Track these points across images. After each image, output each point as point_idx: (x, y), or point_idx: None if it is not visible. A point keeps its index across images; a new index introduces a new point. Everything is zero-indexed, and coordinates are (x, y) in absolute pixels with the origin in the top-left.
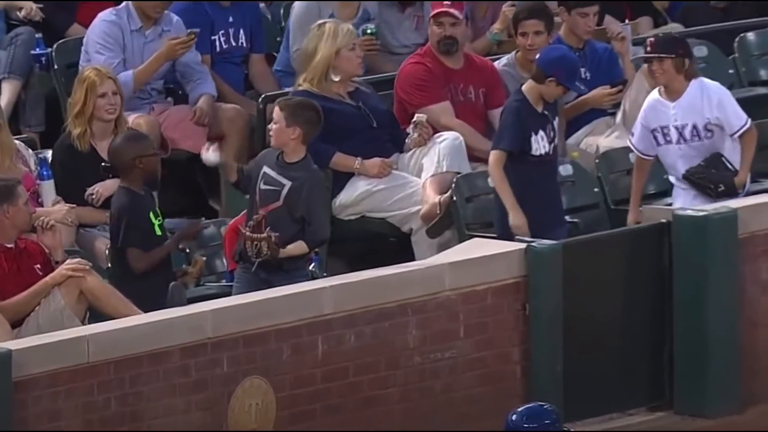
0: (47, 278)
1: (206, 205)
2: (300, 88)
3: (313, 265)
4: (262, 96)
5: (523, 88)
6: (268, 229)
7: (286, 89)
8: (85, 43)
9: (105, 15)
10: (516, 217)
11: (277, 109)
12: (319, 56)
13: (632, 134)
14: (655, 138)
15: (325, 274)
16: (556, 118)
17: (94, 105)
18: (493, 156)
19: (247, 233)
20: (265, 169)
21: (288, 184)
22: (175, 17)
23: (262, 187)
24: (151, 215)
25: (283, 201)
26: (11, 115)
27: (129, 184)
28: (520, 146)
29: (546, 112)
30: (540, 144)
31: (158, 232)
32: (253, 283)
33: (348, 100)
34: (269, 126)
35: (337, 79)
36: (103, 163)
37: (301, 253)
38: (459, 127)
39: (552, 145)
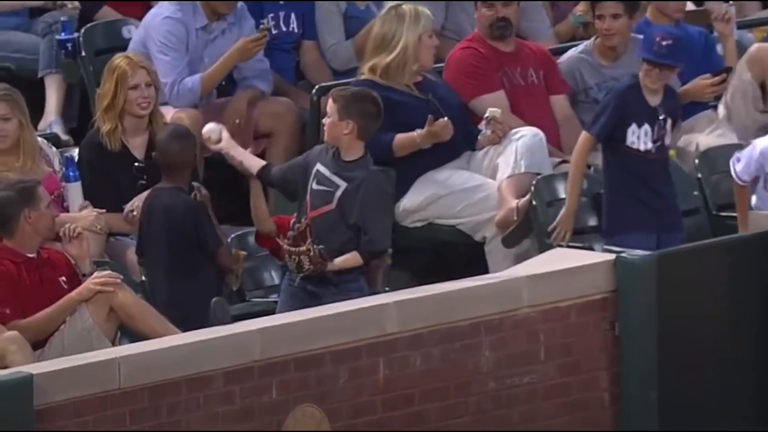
0: (73, 293)
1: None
2: (362, 77)
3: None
4: (316, 87)
5: (640, 73)
6: (309, 241)
7: (347, 79)
8: (142, 39)
9: (167, 11)
10: (566, 219)
11: (330, 101)
12: (400, 43)
13: (738, 160)
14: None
15: (387, 289)
16: (676, 121)
17: (125, 98)
18: (581, 138)
19: (285, 245)
20: (319, 166)
21: (343, 185)
22: (239, 3)
23: (315, 186)
24: None
25: (336, 204)
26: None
27: (180, 184)
28: (609, 133)
29: (659, 107)
30: (640, 138)
31: None
32: (299, 298)
33: (416, 92)
34: (323, 121)
35: (415, 68)
36: (136, 163)
37: (354, 266)
38: (513, 123)
39: (657, 144)
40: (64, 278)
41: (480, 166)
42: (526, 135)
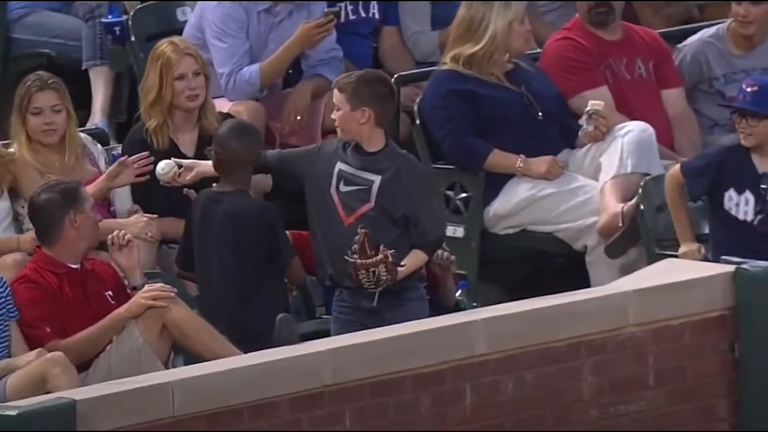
0: (121, 309)
1: None
2: (445, 67)
3: (459, 292)
4: (395, 76)
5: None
6: (382, 247)
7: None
8: (198, 23)
9: None
10: (687, 249)
11: (335, 92)
12: (489, 31)
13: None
14: None
15: (475, 304)
16: None
17: (173, 90)
18: (672, 172)
19: (358, 261)
20: (341, 166)
21: (377, 179)
22: None
23: (343, 189)
24: None
25: (375, 201)
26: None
27: (244, 186)
28: (699, 195)
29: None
30: (740, 207)
31: None
32: (356, 322)
33: (507, 83)
34: (332, 116)
35: (505, 58)
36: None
37: (420, 265)
38: (618, 119)
39: (761, 217)
40: (110, 292)
41: (580, 165)
42: (633, 130)
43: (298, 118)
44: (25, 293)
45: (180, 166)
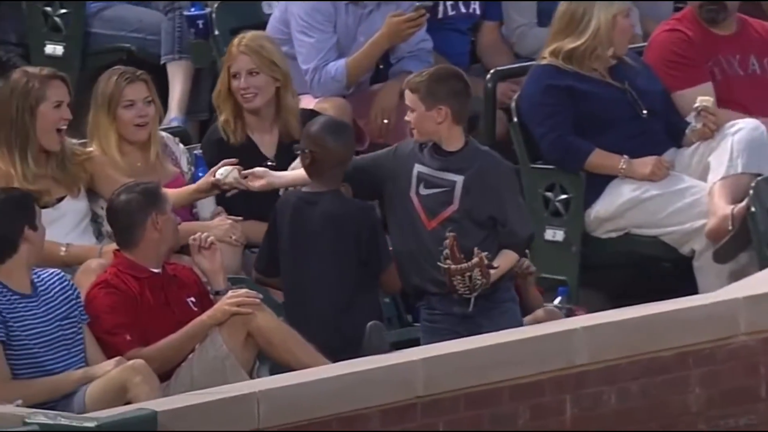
0: (204, 316)
1: None
2: (544, 62)
3: (559, 299)
4: (491, 71)
5: None
6: (476, 250)
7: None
8: (282, 16)
9: None
10: None
11: (407, 93)
12: (591, 25)
13: None
14: None
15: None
16: None
17: (231, 87)
18: None
19: (453, 267)
20: (419, 168)
21: (459, 179)
22: None
23: (423, 192)
24: None
25: (459, 202)
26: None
27: (336, 187)
28: None
29: None
30: None
31: None
32: (448, 330)
33: (609, 79)
34: (406, 118)
35: (609, 53)
36: (267, 162)
37: (512, 266)
38: (727, 117)
39: None
40: (193, 298)
41: (688, 165)
42: (744, 128)
43: (385, 121)
44: (104, 299)
45: (240, 170)
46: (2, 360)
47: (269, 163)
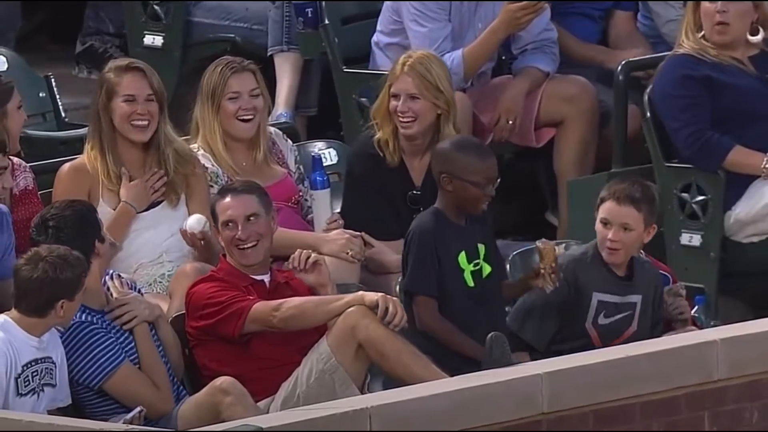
0: (340, 297)
1: (540, 219)
2: (680, 51)
3: (696, 308)
4: (623, 62)
5: None
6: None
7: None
8: (395, 5)
9: None
10: None
11: (632, 210)
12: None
13: None
14: None
15: (713, 323)
16: None
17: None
18: None
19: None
20: (600, 297)
21: (638, 297)
22: None
23: (603, 322)
24: (462, 256)
25: (638, 323)
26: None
27: (442, 205)
28: None
29: None
30: None
31: (469, 283)
32: None
33: (751, 68)
34: (606, 218)
35: (759, 39)
36: (412, 191)
37: None
38: None
39: None
40: None
41: None
42: None
43: (510, 122)
44: (207, 288)
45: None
46: (141, 376)
47: (413, 192)
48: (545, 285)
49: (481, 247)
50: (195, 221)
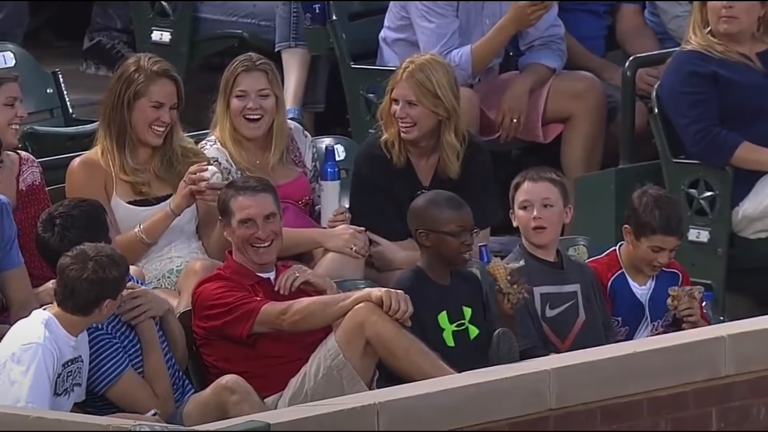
0: (347, 296)
1: None
2: (687, 48)
3: (704, 304)
4: (630, 58)
5: None
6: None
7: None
8: (402, 2)
9: None
10: None
11: (547, 185)
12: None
13: None
14: None
15: (722, 318)
16: None
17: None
18: None
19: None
20: (540, 290)
21: (576, 287)
22: None
23: (550, 314)
24: (443, 316)
25: (585, 312)
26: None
27: (424, 264)
28: None
29: None
30: None
31: (449, 342)
32: None
33: (759, 64)
34: (526, 199)
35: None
36: (420, 191)
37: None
38: None
39: None
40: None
41: None
42: None
43: (514, 120)
44: (214, 287)
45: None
46: (142, 384)
47: (422, 192)
48: (513, 300)
49: (467, 310)
50: (208, 172)
